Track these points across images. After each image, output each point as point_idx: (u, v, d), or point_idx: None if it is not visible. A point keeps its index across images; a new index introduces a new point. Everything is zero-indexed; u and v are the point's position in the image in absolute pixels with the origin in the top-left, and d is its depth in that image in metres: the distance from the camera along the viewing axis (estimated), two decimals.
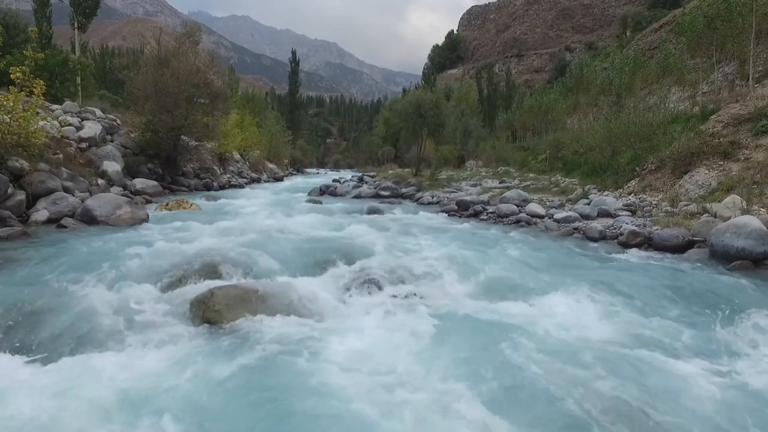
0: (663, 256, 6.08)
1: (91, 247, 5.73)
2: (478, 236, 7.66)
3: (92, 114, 15.36)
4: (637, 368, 2.92)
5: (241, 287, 3.96)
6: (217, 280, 4.58)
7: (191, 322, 3.57)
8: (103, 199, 8.63)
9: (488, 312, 3.84)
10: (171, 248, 5.75)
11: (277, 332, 3.42)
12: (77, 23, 27.32)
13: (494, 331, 3.50)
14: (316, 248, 5.78)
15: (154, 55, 16.04)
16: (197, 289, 4.18)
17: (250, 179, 26.30)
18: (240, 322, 3.55)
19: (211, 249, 5.42)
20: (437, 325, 3.53)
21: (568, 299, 4.14)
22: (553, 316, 3.69)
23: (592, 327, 3.51)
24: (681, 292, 4.36)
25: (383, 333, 3.44)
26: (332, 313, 3.86)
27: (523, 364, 2.95)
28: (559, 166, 19.29)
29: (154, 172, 16.23)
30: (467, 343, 3.30)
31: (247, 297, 3.84)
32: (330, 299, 4.02)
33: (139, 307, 3.69)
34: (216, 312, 3.61)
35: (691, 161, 9.19)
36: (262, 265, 4.97)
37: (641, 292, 4.34)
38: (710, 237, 5.84)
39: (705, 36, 14.99)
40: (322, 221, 8.78)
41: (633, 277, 4.87)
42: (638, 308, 3.99)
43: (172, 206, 10.74)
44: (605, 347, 3.22)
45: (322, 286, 4.34)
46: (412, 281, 4.58)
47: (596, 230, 7.46)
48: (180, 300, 3.93)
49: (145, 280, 4.43)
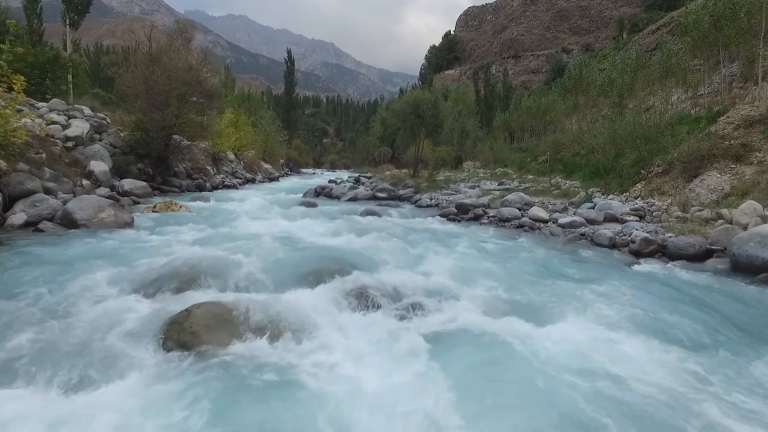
0: (680, 267, 5.67)
1: (63, 255, 5.28)
2: (481, 243, 7.25)
3: (80, 112, 14.84)
4: (681, 416, 2.50)
5: (223, 305, 3.53)
6: (198, 292, 4.16)
7: (162, 346, 3.13)
8: (85, 202, 8.15)
9: (495, 335, 3.43)
10: (150, 256, 5.32)
11: (263, 359, 3.00)
12: (69, 20, 26.91)
13: (502, 359, 3.09)
14: (308, 257, 5.36)
15: (145, 52, 15.52)
16: (174, 304, 3.76)
17: (245, 179, 25.85)
18: (220, 346, 3.12)
19: (194, 258, 5.00)
20: (441, 352, 3.13)
21: (584, 321, 3.71)
22: (570, 342, 3.26)
23: (614, 357, 3.08)
24: (708, 312, 3.95)
25: (381, 359, 3.03)
26: (325, 334, 3.44)
27: (539, 404, 2.55)
28: (559, 167, 18.95)
29: (144, 172, 15.74)
30: (473, 375, 2.90)
31: (230, 316, 3.41)
32: (323, 318, 3.59)
33: (102, 328, 3.25)
34: (192, 334, 3.18)
35: (700, 164, 8.82)
36: (249, 276, 4.54)
37: (664, 312, 3.93)
38: (731, 246, 5.45)
39: (710, 35, 14.67)
40: (316, 226, 8.36)
41: (652, 292, 4.46)
42: (663, 332, 3.57)
43: (159, 208, 10.28)
44: (631, 383, 2.80)
45: (314, 301, 3.91)
46: (411, 296, 4.16)
47: (606, 237, 7.06)
48: (153, 318, 3.49)
49: (116, 294, 4.00)
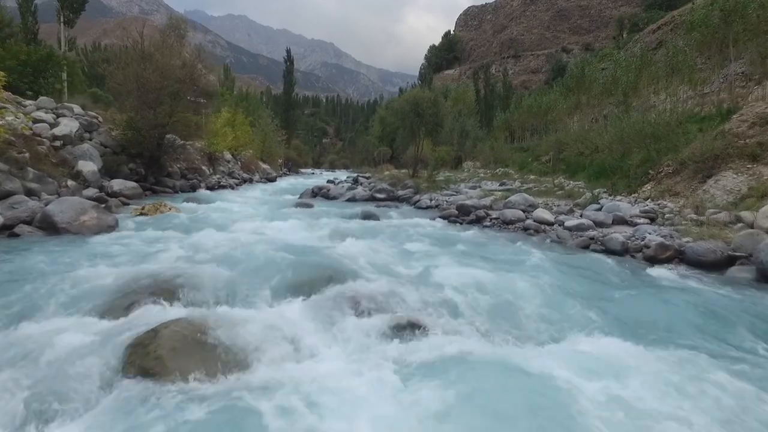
0: (700, 275, 5.25)
1: (32, 262, 4.87)
2: (484, 248, 6.83)
3: (69, 111, 14.41)
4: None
5: (195, 324, 3.11)
6: (172, 306, 3.74)
7: (123, 374, 2.71)
8: (66, 204, 7.73)
9: (504, 360, 3.01)
10: (127, 264, 4.90)
11: (236, 391, 2.58)
12: (63, 17, 26.55)
13: (513, 391, 2.67)
14: (300, 265, 4.94)
15: (137, 49, 15.09)
16: (144, 320, 3.35)
17: (242, 180, 25.43)
18: (187, 373, 2.70)
19: (173, 266, 4.59)
20: (444, 379, 2.71)
21: (603, 340, 3.29)
22: (591, 368, 2.85)
23: (642, 392, 2.66)
24: (743, 331, 3.53)
25: (375, 391, 2.61)
26: (314, 357, 3.03)
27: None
28: (562, 167, 18.53)
29: (136, 172, 15.30)
30: (481, 407, 2.49)
31: (202, 337, 2.99)
32: (309, 339, 3.18)
33: (54, 353, 2.83)
34: (157, 360, 2.76)
35: (714, 164, 8.41)
36: (231, 287, 4.12)
37: (691, 330, 3.51)
38: (758, 253, 5.03)
39: (720, 31, 14.22)
40: (310, 229, 7.94)
41: (675, 306, 4.03)
42: (695, 355, 3.15)
43: (148, 210, 9.86)
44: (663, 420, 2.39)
45: (300, 318, 3.49)
46: (410, 309, 3.74)
47: (618, 242, 6.63)
48: (116, 339, 3.07)
49: (79, 310, 3.58)
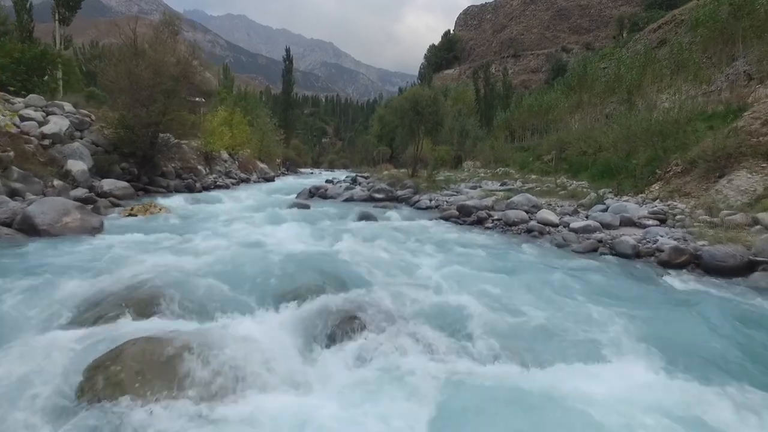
0: (720, 282, 4.89)
1: (1, 268, 4.51)
2: (487, 252, 6.48)
3: (60, 109, 14.04)
4: None
5: (165, 341, 2.74)
6: (145, 319, 3.38)
7: (77, 402, 2.35)
8: (47, 204, 7.36)
9: (520, 388, 2.66)
10: (106, 271, 4.55)
11: (211, 425, 2.23)
12: (59, 15, 26.24)
13: (520, 420, 2.32)
14: (289, 271, 4.58)
15: (129, 45, 14.73)
16: (112, 336, 3.00)
17: (239, 179, 25.06)
18: (152, 401, 2.34)
19: (152, 274, 4.23)
20: (448, 411, 2.36)
21: (631, 370, 2.87)
22: (625, 413, 2.48)
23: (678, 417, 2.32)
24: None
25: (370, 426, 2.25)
26: (299, 388, 2.67)
27: None
28: (564, 167, 18.19)
29: (128, 172, 14.93)
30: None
31: (174, 358, 2.63)
32: (294, 362, 2.82)
33: (2, 372, 2.47)
34: (116, 386, 2.40)
35: (727, 163, 8.07)
36: (212, 297, 3.76)
37: (733, 356, 3.10)
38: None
39: (729, 26, 13.86)
40: (304, 231, 7.58)
41: (706, 321, 3.62)
42: (728, 377, 2.81)
43: (137, 211, 9.50)
44: None
45: (289, 335, 3.12)
46: (408, 325, 3.38)
47: (628, 245, 6.27)
48: (77, 359, 2.72)
49: (44, 322, 3.24)
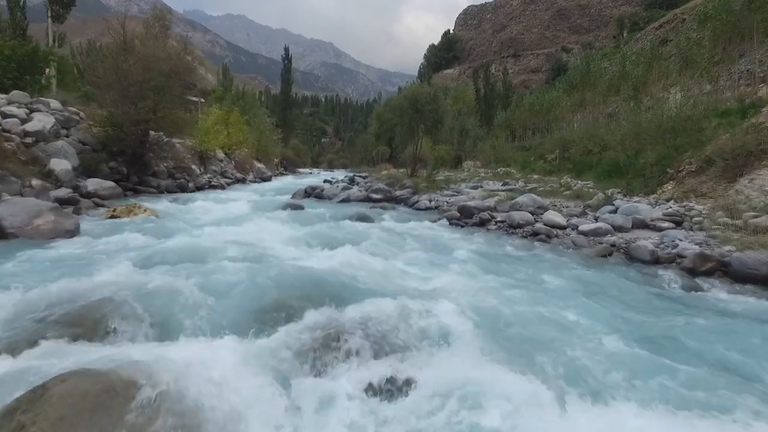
0: (755, 293, 4.39)
1: None
2: (491, 258, 5.97)
3: (45, 105, 13.51)
4: None
5: (103, 376, 2.23)
6: (92, 344, 2.88)
7: None
8: (18, 206, 6.85)
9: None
10: (65, 281, 4.01)
11: None
12: (51, 12, 25.79)
13: None
14: (273, 283, 4.06)
15: (119, 41, 14.21)
16: (45, 366, 2.49)
17: (234, 179, 24.52)
18: None
19: (115, 285, 3.71)
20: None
21: (678, 418, 2.40)
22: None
23: None
24: None
25: None
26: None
27: None
28: (568, 166, 17.69)
29: (117, 171, 14.39)
30: None
31: (111, 401, 2.12)
32: (278, 401, 2.30)
33: None
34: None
35: (746, 161, 7.57)
36: (178, 315, 3.25)
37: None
38: None
39: (743, 19, 13.34)
40: (295, 235, 7.06)
41: (746, 339, 3.17)
42: None
43: (120, 212, 8.98)
44: None
45: (259, 365, 2.59)
46: (403, 351, 2.87)
47: (646, 250, 5.75)
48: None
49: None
